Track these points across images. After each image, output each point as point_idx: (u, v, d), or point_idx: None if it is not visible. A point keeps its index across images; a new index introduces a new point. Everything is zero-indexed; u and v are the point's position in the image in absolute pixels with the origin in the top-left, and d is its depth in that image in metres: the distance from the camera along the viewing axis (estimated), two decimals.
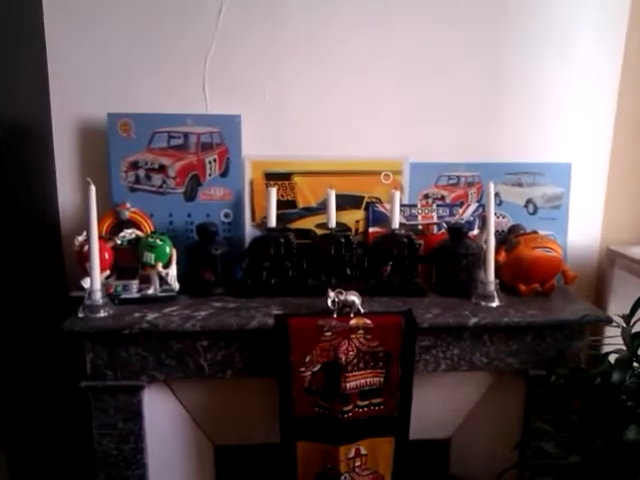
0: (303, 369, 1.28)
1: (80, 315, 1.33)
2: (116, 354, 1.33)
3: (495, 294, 1.38)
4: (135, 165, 1.49)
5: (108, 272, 1.43)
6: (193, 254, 1.46)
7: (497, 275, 1.39)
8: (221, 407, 1.42)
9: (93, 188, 1.31)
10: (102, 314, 1.33)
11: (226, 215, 1.54)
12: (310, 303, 1.37)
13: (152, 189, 1.51)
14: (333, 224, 1.47)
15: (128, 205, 1.47)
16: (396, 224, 1.47)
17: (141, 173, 1.50)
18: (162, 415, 1.40)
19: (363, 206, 1.57)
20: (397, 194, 1.47)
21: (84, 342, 1.32)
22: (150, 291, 1.43)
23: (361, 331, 1.28)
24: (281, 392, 1.30)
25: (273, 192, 1.47)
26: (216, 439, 1.46)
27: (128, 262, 1.45)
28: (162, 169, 1.50)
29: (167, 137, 1.49)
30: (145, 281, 1.44)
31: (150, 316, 1.33)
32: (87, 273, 1.35)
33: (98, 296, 1.34)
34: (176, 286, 1.43)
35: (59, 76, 1.49)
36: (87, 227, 1.32)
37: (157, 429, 1.40)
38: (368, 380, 1.29)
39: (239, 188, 1.53)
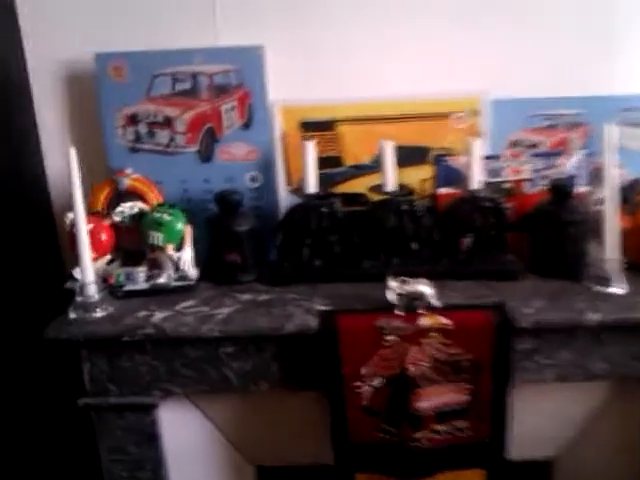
0: (358, 384, 0.96)
1: (71, 316, 1.03)
2: (119, 364, 1.03)
3: (618, 275, 1.01)
4: (134, 119, 1.16)
5: (108, 257, 1.13)
6: (213, 231, 1.14)
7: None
8: (261, 424, 1.12)
9: (73, 153, 0.99)
10: (98, 314, 1.04)
11: (253, 179, 1.21)
12: (365, 292, 1.04)
13: (157, 149, 1.18)
14: (392, 186, 1.12)
15: (128, 171, 1.16)
16: (475, 183, 1.11)
17: (142, 129, 1.17)
18: (187, 436, 1.12)
19: (430, 161, 1.20)
20: (475, 143, 1.10)
21: (79, 350, 1.03)
22: (161, 280, 1.12)
23: (436, 334, 0.94)
24: (332, 412, 0.99)
25: (311, 147, 1.12)
26: (256, 460, 1.17)
27: (135, 243, 1.15)
28: (168, 122, 1.17)
29: (171, 81, 1.15)
30: (155, 266, 1.13)
31: (158, 316, 1.02)
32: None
33: (92, 290, 1.04)
34: (193, 273, 1.12)
35: (31, 13, 1.16)
36: (72, 203, 1.01)
37: (182, 453, 1.12)
38: (448, 398, 0.96)
39: (268, 143, 1.19)
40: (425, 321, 0.94)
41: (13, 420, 1.18)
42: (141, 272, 1.12)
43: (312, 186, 1.13)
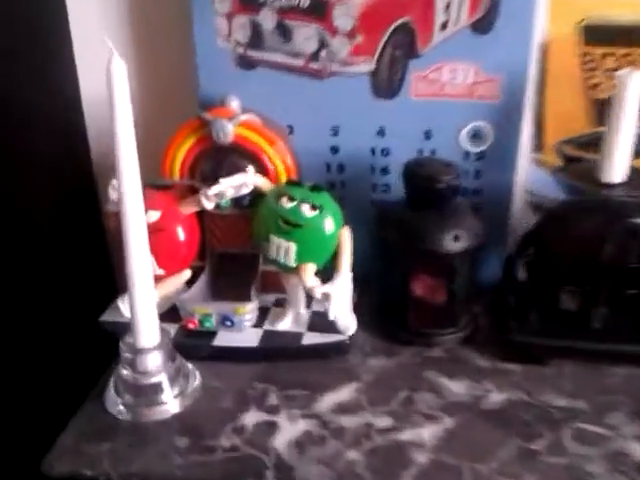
0: None
1: (112, 408, 0.51)
2: None
3: None
4: (252, 3, 0.58)
5: (188, 273, 0.58)
6: (392, 239, 0.57)
7: None
8: None
9: (119, 63, 0.42)
10: (159, 409, 0.50)
11: (474, 135, 0.61)
12: None
13: (293, 63, 0.59)
14: None
15: (234, 105, 0.58)
16: None
17: (266, 21, 0.58)
18: None
19: None
20: None
21: None
22: (284, 327, 0.58)
23: None
24: None
25: (633, 78, 0.50)
26: None
27: (237, 243, 0.60)
28: (318, 10, 0.57)
29: None
30: (277, 302, 0.60)
31: (280, 437, 0.48)
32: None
33: (149, 362, 0.50)
34: (349, 325, 0.56)
35: None
36: (116, 166, 0.45)
37: None
38: None
39: (518, 66, 0.58)
40: None
41: None
42: (248, 312, 0.57)
43: (620, 167, 0.53)
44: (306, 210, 0.53)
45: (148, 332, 0.50)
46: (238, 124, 0.57)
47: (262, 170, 0.58)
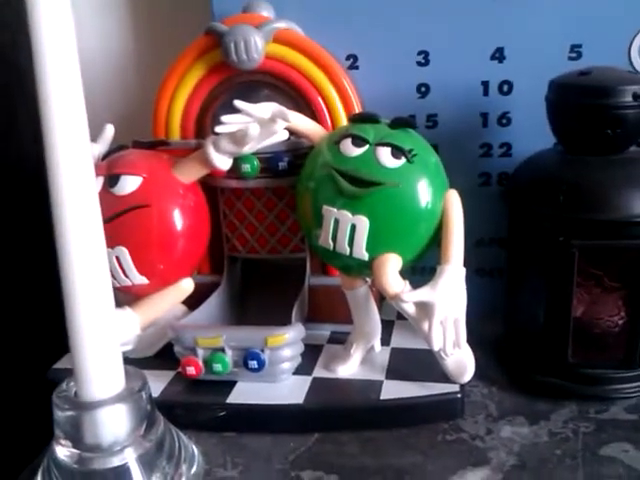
0: None
1: None
2: None
3: None
4: None
5: (188, 286, 0.35)
6: (540, 212, 0.33)
7: None
8: None
9: None
10: None
11: None
12: None
13: None
14: None
15: (264, 11, 0.37)
16: None
17: None
18: None
19: None
20: None
21: None
22: (346, 371, 0.34)
23: None
24: None
25: None
26: None
27: (271, 242, 0.38)
28: None
29: None
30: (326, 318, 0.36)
31: None
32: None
33: (103, 429, 0.27)
34: (465, 365, 0.32)
35: None
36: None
37: None
38: None
39: None
40: None
41: None
42: (288, 345, 0.33)
43: None
44: (386, 157, 0.30)
45: (102, 373, 0.27)
46: (271, 37, 0.35)
47: (312, 114, 0.36)
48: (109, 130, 0.37)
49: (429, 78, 0.39)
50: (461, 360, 0.31)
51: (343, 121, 0.36)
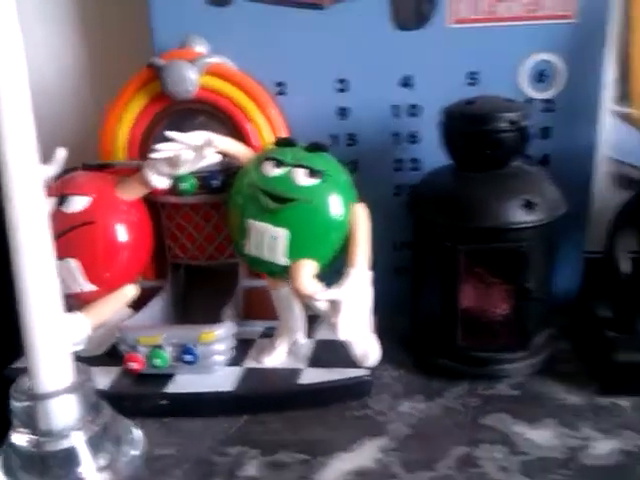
0: None
1: None
2: None
3: None
4: None
5: (130, 291, 0.40)
6: (433, 220, 0.38)
7: None
8: None
9: None
10: None
11: (539, 75, 0.43)
12: None
13: None
14: None
15: (198, 47, 0.42)
16: None
17: None
18: None
19: None
20: None
21: None
22: (272, 361, 0.39)
23: None
24: None
25: None
26: None
27: (208, 249, 0.42)
28: None
29: None
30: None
31: None
32: None
33: (55, 416, 0.31)
34: (369, 352, 0.37)
35: None
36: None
37: None
38: None
39: None
40: None
41: None
42: (219, 341, 0.38)
43: None
44: (301, 177, 0.35)
45: (53, 369, 0.31)
46: (204, 70, 0.40)
47: (242, 138, 0.41)
48: (60, 153, 0.41)
49: (348, 102, 0.45)
50: (366, 348, 0.37)
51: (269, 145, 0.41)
